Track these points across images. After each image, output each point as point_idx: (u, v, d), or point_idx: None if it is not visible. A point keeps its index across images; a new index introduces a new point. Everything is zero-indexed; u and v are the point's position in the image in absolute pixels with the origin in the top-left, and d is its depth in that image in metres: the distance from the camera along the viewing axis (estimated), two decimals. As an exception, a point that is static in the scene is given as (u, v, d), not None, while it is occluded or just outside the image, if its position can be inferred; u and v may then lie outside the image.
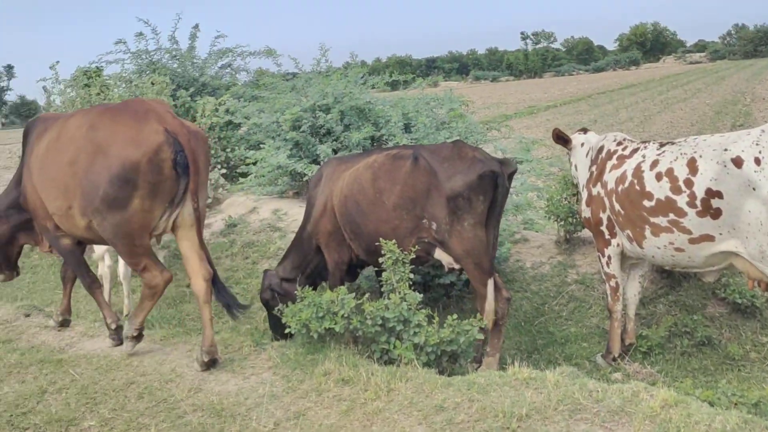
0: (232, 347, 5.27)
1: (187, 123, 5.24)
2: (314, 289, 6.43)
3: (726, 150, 4.58)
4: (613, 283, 5.69)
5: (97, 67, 12.62)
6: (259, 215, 9.45)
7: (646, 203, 5.04)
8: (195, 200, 5.13)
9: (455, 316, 4.90)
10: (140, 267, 5.24)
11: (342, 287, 5.09)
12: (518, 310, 6.70)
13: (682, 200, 4.79)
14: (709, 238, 4.75)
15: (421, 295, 5.04)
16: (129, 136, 4.84)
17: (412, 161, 5.51)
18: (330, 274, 6.32)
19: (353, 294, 5.06)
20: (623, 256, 5.62)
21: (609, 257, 5.63)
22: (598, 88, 55.60)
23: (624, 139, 5.66)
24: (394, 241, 5.21)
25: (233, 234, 9.18)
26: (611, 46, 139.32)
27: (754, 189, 4.39)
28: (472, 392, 4.22)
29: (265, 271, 6.77)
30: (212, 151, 11.32)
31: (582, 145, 6.09)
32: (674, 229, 4.90)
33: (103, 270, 7.85)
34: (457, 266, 5.61)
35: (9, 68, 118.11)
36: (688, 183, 4.75)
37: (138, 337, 5.40)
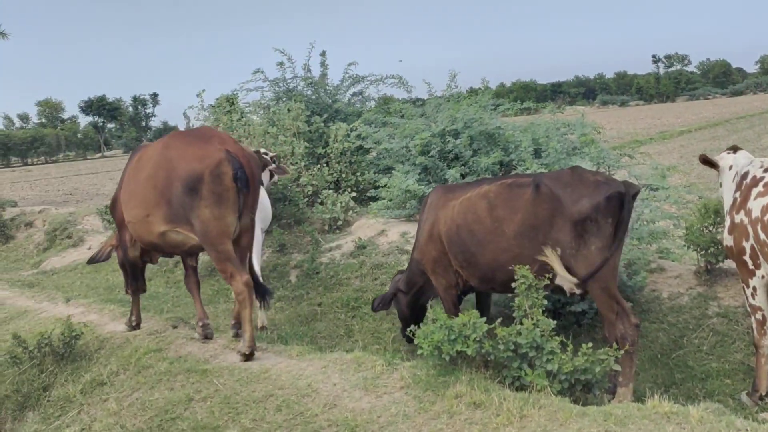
0: (364, 366, 5.40)
1: (246, 148, 6.42)
2: (421, 308, 6.75)
3: None
4: (759, 316, 5.40)
5: (234, 94, 13.35)
6: (387, 237, 9.64)
7: None
8: (251, 213, 6.13)
9: (590, 344, 4.80)
10: (227, 274, 5.92)
11: (475, 311, 5.12)
12: (654, 341, 6.47)
13: None
14: None
15: (554, 322, 4.98)
16: (196, 153, 5.81)
17: (533, 189, 5.54)
18: (442, 300, 6.48)
19: (485, 318, 5.07)
20: None
21: (754, 288, 5.36)
22: (737, 113, 52.74)
23: None
24: (527, 266, 5.20)
25: (363, 255, 9.41)
26: (751, 68, 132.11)
27: None
28: (609, 424, 4.12)
29: (397, 273, 7.21)
30: (343, 175, 11.69)
31: (730, 168, 5.79)
32: None
33: None
34: (578, 291, 5.56)
35: (154, 96, 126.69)
36: None
37: (250, 356, 5.83)
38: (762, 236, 5.08)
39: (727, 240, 5.54)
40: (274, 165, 9.55)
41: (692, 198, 9.53)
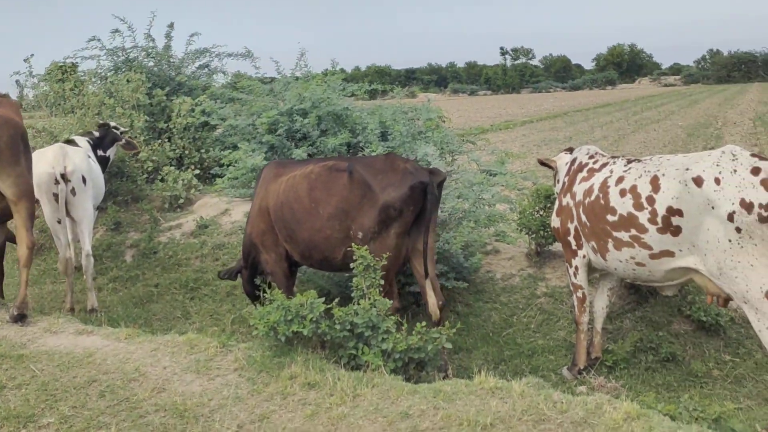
0: (197, 348, 5.20)
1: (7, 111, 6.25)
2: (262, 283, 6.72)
3: (687, 170, 4.68)
4: (580, 294, 5.76)
5: (73, 63, 12.48)
6: (231, 217, 9.39)
7: (610, 218, 5.14)
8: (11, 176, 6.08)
9: (424, 323, 4.90)
10: None
11: (312, 291, 5.06)
12: (487, 320, 6.73)
13: (643, 217, 4.90)
14: (669, 254, 4.84)
15: (391, 302, 5.04)
16: None
17: (348, 174, 5.74)
18: (272, 274, 6.53)
19: (323, 299, 5.04)
20: (590, 268, 5.70)
21: (576, 268, 5.71)
22: (575, 106, 56.22)
23: (596, 153, 5.76)
24: (366, 247, 5.23)
25: (204, 235, 9.11)
26: (588, 65, 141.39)
27: (713, 208, 4.48)
28: (437, 400, 4.21)
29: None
30: (186, 152, 11.24)
31: (566, 164, 6.12)
32: (635, 244, 5.00)
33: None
34: None
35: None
36: (650, 200, 4.85)
37: (19, 318, 5.93)
38: (583, 218, 5.41)
39: (555, 222, 5.88)
40: (123, 141, 9.02)
41: (528, 184, 10.00)
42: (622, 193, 5.07)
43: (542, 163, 6.37)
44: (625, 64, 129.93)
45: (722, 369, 5.71)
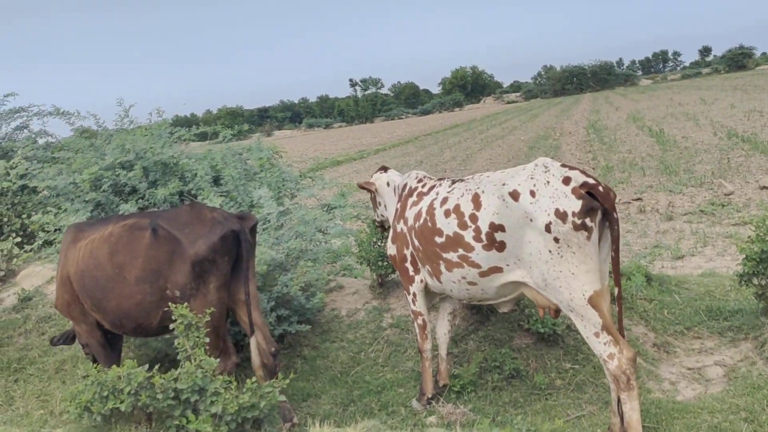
0: (3, 443, 4.62)
1: None
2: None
3: (504, 184, 4.70)
4: (420, 321, 5.65)
5: None
6: (58, 285, 8.65)
7: (438, 239, 5.09)
8: None
9: (254, 378, 4.59)
10: None
11: (130, 361, 4.63)
12: (335, 361, 6.49)
13: (468, 235, 4.86)
14: (497, 270, 4.83)
15: (217, 360, 4.69)
16: None
17: (151, 232, 5.36)
18: (89, 346, 6.08)
19: (144, 366, 4.61)
20: (428, 292, 5.61)
21: (414, 294, 5.61)
22: (425, 130, 57.87)
23: (424, 177, 5.73)
24: (186, 305, 4.87)
25: (28, 308, 8.32)
26: (435, 89, 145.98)
27: (531, 220, 4.50)
28: (270, 462, 3.92)
29: None
30: (5, 219, 10.32)
31: (388, 184, 6.11)
32: (464, 264, 4.95)
33: None
34: None
35: None
36: (473, 218, 4.83)
37: None
38: (416, 242, 5.33)
39: (390, 249, 5.76)
40: None
41: (370, 212, 9.95)
42: (447, 213, 5.03)
43: (362, 187, 6.26)
44: (470, 86, 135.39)
45: (564, 378, 5.76)
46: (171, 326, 5.16)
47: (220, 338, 5.33)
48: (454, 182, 5.27)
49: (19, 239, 9.85)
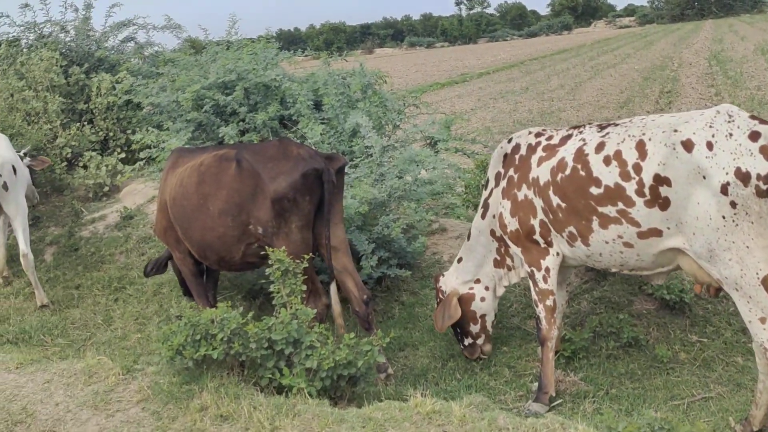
0: (96, 376, 4.53)
1: None
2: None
3: (676, 131, 4.00)
4: (550, 302, 4.85)
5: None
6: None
7: (594, 190, 4.34)
8: None
9: (353, 334, 4.28)
10: None
11: (222, 304, 4.41)
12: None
13: (630, 188, 4.17)
14: (656, 233, 4.17)
15: (314, 311, 4.42)
16: None
17: (236, 164, 5.16)
18: (182, 272, 6.05)
19: (238, 311, 4.38)
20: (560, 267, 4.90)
21: (547, 269, 4.83)
22: (531, 54, 55.54)
23: (542, 129, 5.01)
24: (283, 249, 4.58)
25: (129, 227, 8.35)
26: (544, 11, 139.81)
27: (704, 177, 3.83)
28: (367, 430, 3.63)
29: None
30: (111, 134, 10.37)
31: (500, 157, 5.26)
32: (623, 220, 4.26)
33: None
34: None
35: None
36: (637, 168, 4.13)
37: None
38: (555, 201, 4.58)
39: (511, 224, 4.96)
40: (28, 159, 8.12)
41: (478, 148, 9.40)
42: (607, 160, 4.30)
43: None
44: (580, 8, 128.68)
45: (689, 351, 5.20)
46: (252, 260, 5.34)
47: (309, 279, 5.06)
48: (603, 127, 4.56)
49: (123, 155, 9.88)
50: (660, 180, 4.03)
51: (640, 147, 4.15)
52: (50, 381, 4.57)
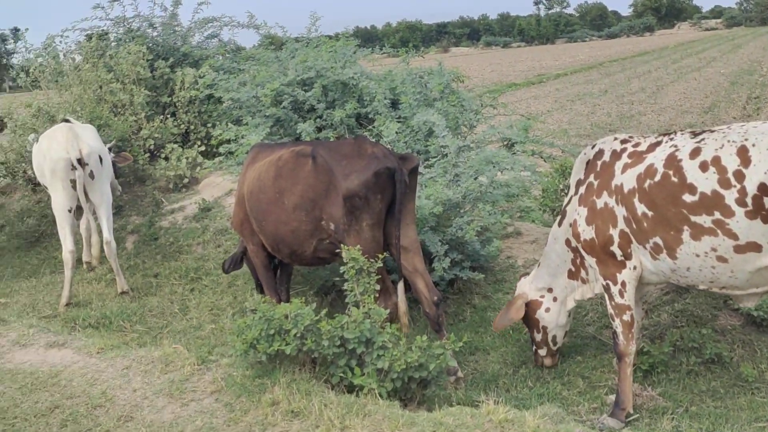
0: (173, 365, 4.64)
1: None
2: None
3: None
4: (627, 317, 4.63)
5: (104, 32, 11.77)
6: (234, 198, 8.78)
7: (687, 198, 4.11)
8: None
9: (425, 337, 4.24)
10: None
11: (296, 300, 4.44)
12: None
13: (730, 196, 3.94)
14: (755, 247, 3.94)
15: (387, 311, 4.40)
16: None
17: (311, 160, 5.23)
18: (254, 265, 6.18)
19: (311, 307, 4.40)
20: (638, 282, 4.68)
21: (623, 284, 4.61)
22: (611, 56, 54.25)
23: (630, 136, 4.77)
24: (358, 247, 4.58)
25: (206, 219, 8.54)
26: (625, 11, 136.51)
27: None
28: (437, 435, 3.59)
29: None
30: (192, 127, 10.63)
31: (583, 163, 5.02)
32: (719, 231, 4.03)
33: None
34: None
35: (15, 31, 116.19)
36: (739, 176, 3.91)
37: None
38: (640, 209, 4.36)
39: (586, 233, 4.74)
40: (112, 154, 8.41)
41: (555, 152, 9.22)
42: (704, 166, 4.06)
43: None
44: (664, 9, 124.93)
45: (777, 372, 4.95)
46: (324, 256, 5.46)
47: (380, 279, 5.03)
48: (697, 133, 4.35)
49: (203, 148, 10.11)
50: (766, 190, 3.81)
51: (742, 153, 3.94)
52: (129, 367, 4.70)
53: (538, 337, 5.29)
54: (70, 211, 7.20)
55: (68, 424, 4.19)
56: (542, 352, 5.33)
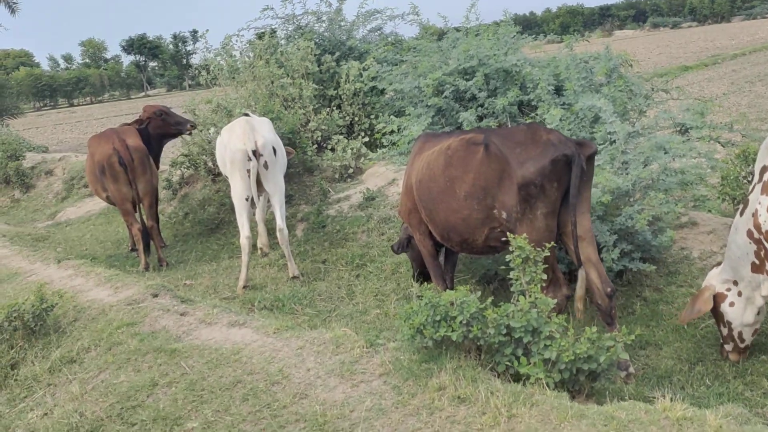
0: (343, 347, 4.83)
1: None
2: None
3: None
4: None
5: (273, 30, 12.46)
6: (398, 187, 8.95)
7: None
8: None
9: (594, 328, 4.13)
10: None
11: (462, 288, 4.47)
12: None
13: None
14: None
15: (555, 301, 4.32)
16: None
17: (483, 148, 5.15)
18: (422, 254, 6.22)
19: (476, 295, 4.42)
20: None
21: None
22: (796, 32, 49.61)
23: None
24: (525, 236, 4.53)
25: (371, 208, 8.78)
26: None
27: None
28: (609, 430, 3.50)
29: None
30: (356, 119, 10.96)
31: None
32: None
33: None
34: None
35: (194, 33, 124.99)
36: None
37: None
38: None
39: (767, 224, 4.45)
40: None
41: (734, 137, 8.59)
42: None
43: None
44: None
45: None
46: (494, 245, 5.38)
47: (550, 268, 4.94)
48: None
49: (366, 138, 10.40)
50: None
51: None
52: (303, 347, 4.95)
53: (724, 331, 5.00)
54: (247, 199, 7.66)
55: (249, 398, 4.49)
56: (728, 347, 5.04)
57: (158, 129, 10.20)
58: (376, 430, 3.96)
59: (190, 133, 10.40)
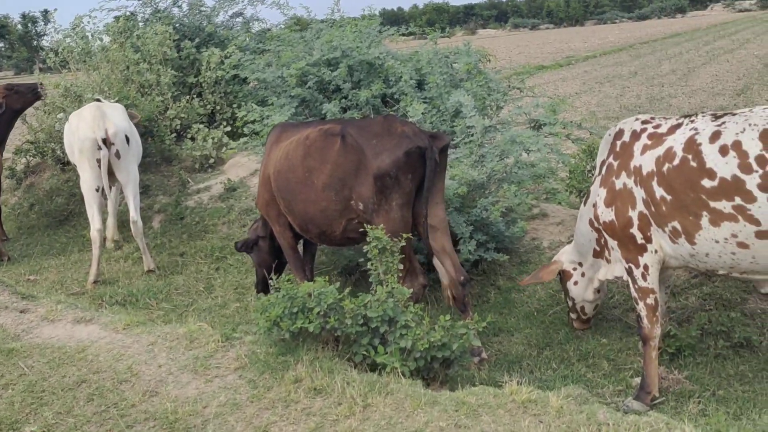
0: (197, 342, 4.68)
1: None
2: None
3: None
4: (650, 300, 4.55)
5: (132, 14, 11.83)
6: (260, 179, 8.81)
7: (706, 183, 4.02)
8: None
9: (448, 316, 4.22)
10: None
11: (320, 279, 4.44)
12: (531, 296, 6.00)
13: (752, 181, 3.84)
14: None
15: (410, 291, 4.38)
16: None
17: (340, 140, 5.18)
18: (281, 246, 6.11)
19: (335, 285, 4.40)
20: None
21: (645, 267, 4.52)
22: (641, 38, 53.30)
23: (652, 117, 4.68)
24: (381, 227, 4.55)
25: (232, 199, 8.59)
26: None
27: None
28: (459, 415, 3.58)
29: (255, 222, 6.66)
30: (218, 107, 10.66)
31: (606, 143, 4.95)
32: (739, 217, 3.94)
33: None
34: None
35: (45, 13, 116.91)
36: (762, 161, 3.81)
37: None
38: (659, 192, 4.26)
39: (605, 215, 4.66)
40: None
41: (583, 134, 9.09)
42: (723, 150, 3.97)
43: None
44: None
45: (807, 357, 4.87)
46: (353, 236, 5.36)
47: (406, 258, 5.01)
48: (718, 116, 4.24)
49: (228, 128, 10.14)
50: None
51: (765, 137, 3.85)
52: (154, 343, 4.74)
53: (570, 303, 5.41)
54: (97, 190, 7.27)
55: (94, 398, 4.25)
56: (573, 316, 5.47)
57: (17, 104, 9.42)
58: (230, 425, 3.86)
59: (45, 94, 9.69)
